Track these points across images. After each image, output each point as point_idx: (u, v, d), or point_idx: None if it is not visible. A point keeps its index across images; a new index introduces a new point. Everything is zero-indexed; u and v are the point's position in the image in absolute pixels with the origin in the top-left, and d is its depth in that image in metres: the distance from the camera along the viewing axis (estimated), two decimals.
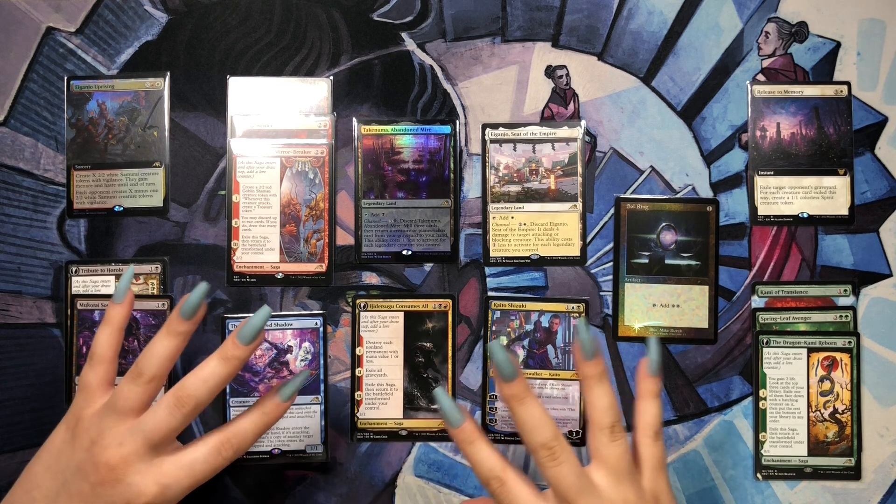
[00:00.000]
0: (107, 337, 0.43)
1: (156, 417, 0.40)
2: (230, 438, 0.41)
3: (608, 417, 0.41)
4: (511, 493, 0.40)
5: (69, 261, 0.54)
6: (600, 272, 0.54)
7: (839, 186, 0.54)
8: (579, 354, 0.41)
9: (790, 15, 0.54)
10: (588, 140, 0.54)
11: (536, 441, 0.40)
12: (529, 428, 0.40)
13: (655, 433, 0.42)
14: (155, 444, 0.40)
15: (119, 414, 0.40)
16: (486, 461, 0.41)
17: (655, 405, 0.42)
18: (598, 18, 0.54)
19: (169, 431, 0.40)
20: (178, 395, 0.40)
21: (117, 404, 0.40)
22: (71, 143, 0.54)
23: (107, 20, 0.54)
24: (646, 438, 0.42)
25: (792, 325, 0.54)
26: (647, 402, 0.42)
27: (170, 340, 0.41)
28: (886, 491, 0.53)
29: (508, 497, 0.40)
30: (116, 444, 0.39)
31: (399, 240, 0.54)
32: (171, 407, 0.40)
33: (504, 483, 0.40)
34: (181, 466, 0.40)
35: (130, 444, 0.39)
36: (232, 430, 0.41)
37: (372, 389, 0.53)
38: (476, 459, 0.41)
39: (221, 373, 0.41)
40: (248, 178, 0.54)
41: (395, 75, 0.54)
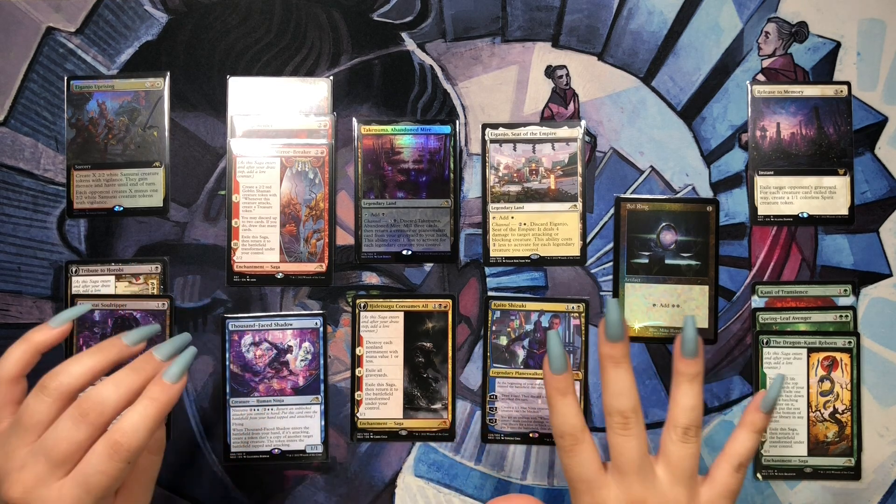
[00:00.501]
0: (19, 356, 0.39)
1: (57, 431, 0.36)
2: (118, 439, 0.36)
3: (685, 418, 0.40)
4: (581, 454, 0.40)
5: (69, 261, 0.54)
6: (600, 272, 0.54)
7: (839, 186, 0.54)
8: (679, 349, 0.41)
9: (790, 15, 0.54)
10: (588, 140, 0.54)
11: (615, 406, 0.40)
12: (614, 391, 0.40)
13: (740, 464, 0.41)
14: (59, 464, 0.36)
15: (24, 431, 0.37)
16: (571, 416, 0.40)
17: (752, 439, 0.42)
18: (598, 18, 0.54)
19: (74, 446, 0.36)
20: (83, 401, 0.37)
21: (22, 420, 0.37)
22: (71, 143, 0.54)
23: (107, 20, 0.54)
24: (727, 465, 0.41)
25: (792, 325, 0.54)
26: (745, 433, 0.42)
27: (98, 359, 0.38)
28: (886, 491, 0.53)
29: (577, 458, 0.40)
30: (18, 468, 0.36)
31: (399, 240, 0.54)
32: (76, 417, 0.36)
33: (579, 443, 0.40)
34: (77, 484, 0.36)
35: (31, 466, 0.36)
36: (118, 428, 0.37)
37: (372, 389, 0.53)
38: (562, 412, 0.41)
39: (132, 380, 0.38)
40: (248, 178, 0.54)
41: (395, 75, 0.54)
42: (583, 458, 0.40)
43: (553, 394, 0.41)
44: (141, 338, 0.40)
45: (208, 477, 0.53)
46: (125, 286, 0.53)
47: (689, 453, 0.40)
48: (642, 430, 0.40)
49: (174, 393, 0.38)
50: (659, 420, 0.53)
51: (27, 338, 0.40)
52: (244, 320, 0.53)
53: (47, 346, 0.40)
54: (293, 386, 0.53)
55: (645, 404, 0.53)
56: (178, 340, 0.40)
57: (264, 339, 0.53)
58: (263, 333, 0.53)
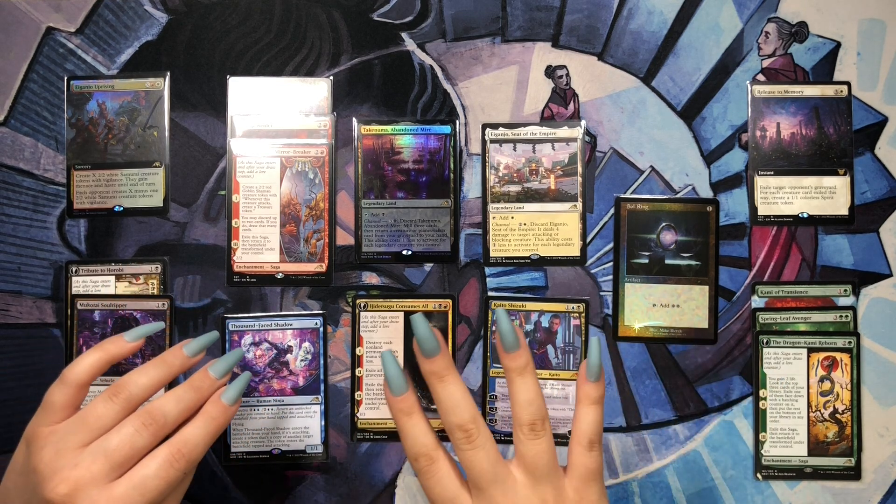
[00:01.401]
0: (92, 363, 0.41)
1: (120, 435, 0.38)
2: (180, 448, 0.39)
3: (527, 413, 0.39)
4: (438, 473, 0.39)
5: (69, 261, 0.54)
6: (600, 272, 0.54)
7: (839, 186, 0.54)
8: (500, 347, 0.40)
9: (790, 15, 0.54)
10: (588, 140, 0.54)
11: (453, 422, 0.39)
12: (447, 407, 0.39)
13: (590, 442, 0.40)
14: (116, 466, 0.37)
15: (85, 432, 0.38)
16: (420, 437, 0.40)
17: (593, 412, 0.41)
18: (598, 18, 0.54)
19: (133, 451, 0.38)
20: (148, 411, 0.39)
21: (87, 420, 0.38)
22: (71, 143, 0.54)
23: (107, 20, 0.54)
24: (578, 447, 0.40)
25: (792, 325, 0.54)
26: (584, 409, 0.41)
27: (163, 371, 0.41)
28: (886, 491, 0.53)
29: (435, 477, 0.39)
30: (70, 466, 0.37)
31: (399, 240, 0.54)
32: (138, 425, 0.38)
33: (434, 462, 0.39)
34: (133, 486, 0.37)
35: (87, 466, 0.37)
36: (181, 439, 0.39)
37: (372, 389, 0.53)
38: (412, 433, 0.40)
39: (191, 398, 0.41)
40: (248, 178, 0.54)
41: (395, 75, 0.54)
42: (441, 477, 0.39)
43: (399, 416, 0.40)
44: (200, 348, 0.43)
45: (208, 477, 0.53)
46: (125, 286, 0.53)
47: (542, 448, 0.39)
48: (488, 439, 0.39)
49: (230, 414, 0.42)
50: (659, 420, 0.53)
51: (102, 346, 0.42)
52: (244, 320, 0.53)
53: (119, 357, 0.42)
54: (293, 386, 0.53)
55: (645, 404, 0.53)
56: (232, 357, 0.43)
57: (264, 339, 0.53)
58: (263, 333, 0.53)
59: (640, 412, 0.53)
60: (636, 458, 0.53)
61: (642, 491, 0.53)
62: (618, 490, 0.53)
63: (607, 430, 0.53)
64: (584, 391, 0.41)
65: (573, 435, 0.41)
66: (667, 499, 0.53)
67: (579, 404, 0.41)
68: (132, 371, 0.41)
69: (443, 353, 0.40)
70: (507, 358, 0.40)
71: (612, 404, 0.54)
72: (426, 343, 0.39)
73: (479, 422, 0.39)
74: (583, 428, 0.41)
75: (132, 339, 0.43)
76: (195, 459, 0.40)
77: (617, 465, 0.53)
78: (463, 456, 0.39)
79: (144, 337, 0.43)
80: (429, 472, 0.39)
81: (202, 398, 0.41)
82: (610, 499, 0.53)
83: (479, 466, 0.38)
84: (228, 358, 0.43)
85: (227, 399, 0.42)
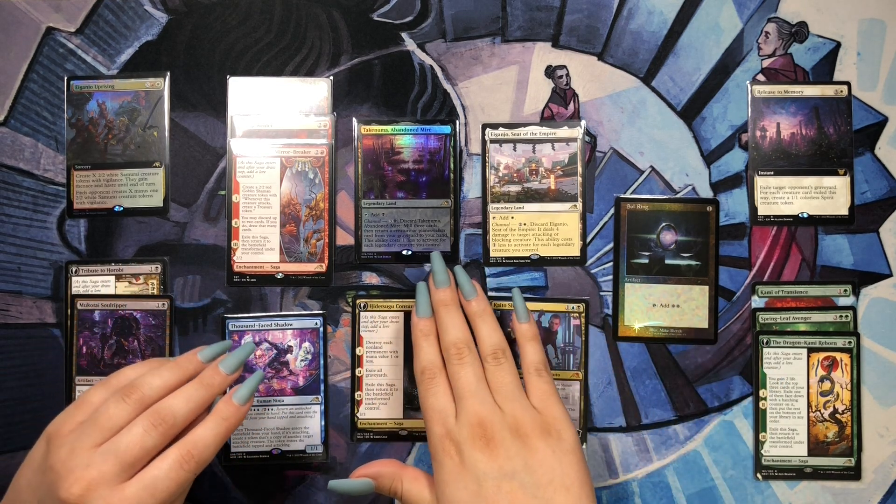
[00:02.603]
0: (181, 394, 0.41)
1: (129, 436, 0.38)
2: (190, 450, 0.39)
3: (488, 346, 0.46)
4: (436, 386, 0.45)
5: (69, 261, 0.54)
6: (600, 272, 0.54)
7: (839, 186, 0.54)
8: (461, 295, 0.48)
9: (790, 15, 0.54)
10: (588, 140, 0.54)
11: (449, 340, 0.46)
12: (446, 328, 0.46)
13: (537, 370, 0.46)
14: (126, 467, 0.38)
15: (98, 432, 0.38)
16: (431, 355, 0.46)
17: (533, 346, 0.47)
18: (598, 18, 0.54)
19: (143, 452, 0.38)
20: (157, 411, 0.39)
21: (99, 421, 0.39)
22: (71, 143, 0.54)
23: (107, 20, 0.54)
24: (530, 376, 0.46)
25: (792, 325, 0.54)
26: (526, 345, 0.47)
27: (177, 374, 0.42)
28: (886, 491, 0.53)
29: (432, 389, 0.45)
30: (83, 466, 0.37)
31: (399, 240, 0.54)
32: (147, 425, 0.39)
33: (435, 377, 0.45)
34: (144, 486, 0.38)
35: (99, 466, 0.37)
36: (191, 440, 0.40)
37: (372, 389, 0.53)
38: (427, 351, 0.46)
39: (201, 395, 0.41)
40: (248, 178, 0.54)
41: (395, 75, 0.54)
42: (437, 390, 0.44)
43: (419, 335, 0.47)
44: (214, 354, 0.44)
45: (208, 477, 0.53)
46: (125, 286, 0.53)
47: (505, 371, 0.45)
48: (476, 361, 0.45)
49: (242, 414, 0.42)
50: (659, 420, 0.53)
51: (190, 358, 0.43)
52: (244, 320, 0.53)
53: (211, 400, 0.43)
54: (293, 386, 0.53)
55: (645, 404, 0.53)
56: (242, 352, 0.44)
57: (264, 339, 0.53)
58: (263, 333, 0.53)
59: (640, 412, 0.53)
60: (636, 458, 0.53)
61: (642, 491, 0.53)
62: (618, 490, 0.53)
63: (608, 430, 0.53)
64: (520, 332, 0.48)
65: (523, 367, 0.47)
66: (667, 499, 0.53)
67: (520, 343, 0.48)
68: (146, 373, 0.41)
69: (451, 287, 0.48)
70: (469, 304, 0.48)
71: (613, 404, 0.54)
72: (441, 275, 0.48)
73: (471, 346, 0.46)
74: (529, 359, 0.47)
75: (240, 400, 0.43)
76: (205, 460, 0.40)
77: (617, 465, 0.53)
78: (452, 370, 0.45)
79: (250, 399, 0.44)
80: (430, 384, 0.45)
81: (212, 395, 0.42)
82: (610, 499, 0.53)
83: (464, 379, 0.44)
84: (239, 353, 0.44)
85: (238, 399, 0.42)
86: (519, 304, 0.48)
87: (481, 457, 0.41)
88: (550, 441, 0.42)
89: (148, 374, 0.41)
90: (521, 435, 0.42)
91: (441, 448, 0.43)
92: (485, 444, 0.42)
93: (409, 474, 0.46)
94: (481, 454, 0.41)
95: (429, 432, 0.44)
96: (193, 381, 0.42)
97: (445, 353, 0.45)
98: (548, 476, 0.41)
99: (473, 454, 0.41)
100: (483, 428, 0.42)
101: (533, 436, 0.42)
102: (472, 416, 0.42)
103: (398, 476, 0.46)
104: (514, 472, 0.41)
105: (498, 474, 0.41)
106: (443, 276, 0.48)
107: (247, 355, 0.44)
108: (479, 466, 0.41)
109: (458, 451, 0.42)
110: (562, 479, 0.41)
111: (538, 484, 0.41)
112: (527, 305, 0.49)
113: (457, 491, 0.41)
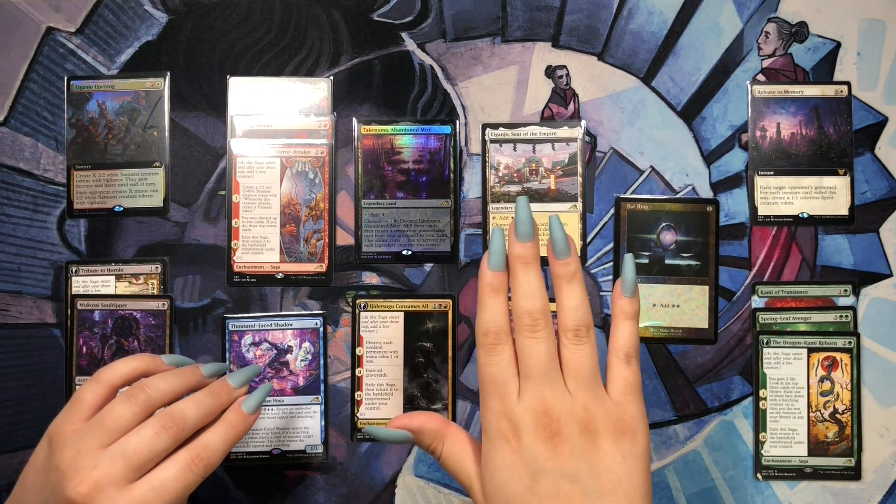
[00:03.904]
0: (130, 370, 0.42)
1: (139, 437, 0.38)
2: (200, 453, 0.40)
3: (572, 319, 0.39)
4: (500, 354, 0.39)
5: (69, 261, 0.54)
6: (600, 272, 0.54)
7: (839, 186, 0.54)
8: (551, 251, 0.40)
9: (790, 15, 0.54)
10: (588, 140, 0.54)
11: (524, 307, 0.39)
12: (524, 292, 0.39)
13: (627, 355, 0.40)
14: (135, 468, 0.38)
15: (104, 433, 0.38)
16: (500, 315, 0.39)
17: (629, 326, 0.40)
18: (598, 18, 0.54)
19: (152, 454, 0.38)
20: (168, 414, 0.39)
21: (105, 422, 0.39)
22: (71, 143, 0.54)
23: (107, 20, 0.54)
24: (616, 360, 0.40)
25: (792, 325, 0.54)
26: (621, 324, 0.40)
27: (182, 380, 0.42)
28: (886, 491, 0.53)
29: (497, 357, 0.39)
30: (90, 466, 0.37)
31: (399, 240, 0.54)
32: (158, 428, 0.39)
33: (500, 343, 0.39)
34: (153, 487, 0.38)
35: (107, 467, 0.37)
36: (201, 444, 0.40)
37: (372, 389, 0.53)
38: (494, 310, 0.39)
39: (211, 402, 0.41)
40: (248, 178, 0.54)
41: (395, 75, 0.54)
42: (502, 359, 0.38)
43: (487, 290, 0.39)
44: (216, 372, 0.44)
45: (208, 477, 0.53)
46: (125, 286, 0.54)
47: (585, 354, 0.39)
48: (552, 336, 0.39)
49: (250, 423, 0.42)
50: (659, 420, 0.53)
51: (141, 356, 0.43)
52: (244, 320, 0.53)
53: (154, 372, 0.43)
54: (293, 386, 0.53)
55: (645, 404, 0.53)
56: (250, 371, 0.45)
57: (264, 339, 0.53)
58: (263, 333, 0.53)
59: None
60: None
61: None
62: None
63: None
64: (619, 306, 0.41)
65: (611, 349, 0.40)
66: (667, 499, 0.53)
67: (615, 320, 0.41)
68: (153, 376, 0.42)
69: (535, 242, 0.39)
70: (557, 264, 0.40)
71: None
72: (525, 225, 0.39)
73: (548, 317, 0.39)
74: (620, 342, 0.40)
75: (169, 363, 0.44)
76: (213, 465, 0.40)
77: None
78: (523, 343, 0.38)
79: (181, 364, 0.44)
80: (493, 350, 0.39)
81: (220, 405, 0.42)
82: None
83: (536, 356, 0.38)
84: (247, 371, 0.44)
85: (247, 408, 0.42)
86: (629, 272, 0.41)
87: (543, 450, 0.37)
88: (623, 444, 0.37)
89: (155, 377, 0.41)
90: (590, 431, 0.37)
91: (496, 427, 0.38)
92: (549, 436, 0.37)
93: (454, 435, 0.42)
94: (543, 447, 0.37)
95: (483, 405, 0.39)
96: (203, 389, 0.42)
97: (517, 320, 0.39)
98: (612, 484, 0.36)
99: (534, 445, 0.37)
100: (549, 417, 0.37)
101: (605, 434, 0.37)
102: (539, 402, 0.37)
103: (441, 435, 0.41)
104: (577, 475, 0.36)
105: (558, 473, 0.36)
106: (527, 226, 0.39)
107: (254, 374, 0.45)
108: (539, 461, 0.37)
109: (517, 435, 0.37)
110: (626, 489, 0.36)
111: (601, 492, 0.36)
112: (634, 273, 0.41)
113: (509, 481, 0.37)
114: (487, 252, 0.40)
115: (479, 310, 0.40)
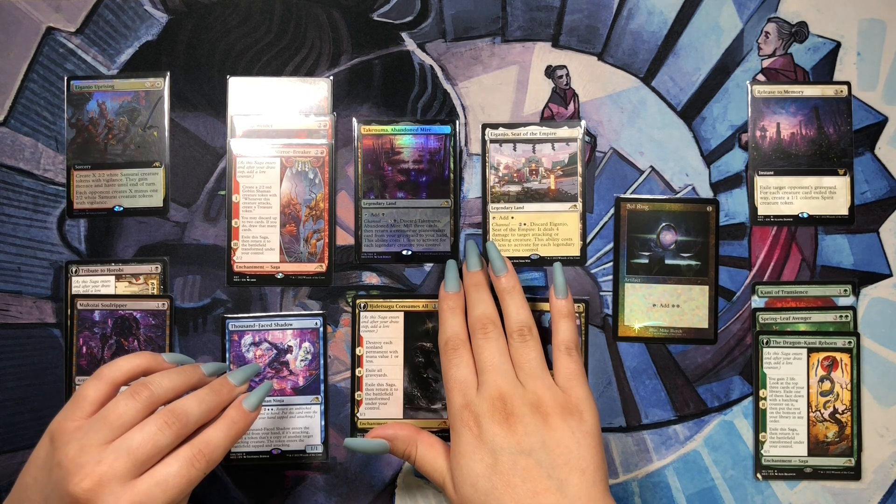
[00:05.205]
0: (132, 367, 0.42)
1: (143, 433, 0.39)
2: (202, 449, 0.40)
3: (515, 322, 0.46)
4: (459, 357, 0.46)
5: (69, 261, 0.54)
6: (600, 272, 0.54)
7: (839, 186, 0.54)
8: (492, 270, 0.48)
9: (790, 15, 0.54)
10: (588, 140, 0.54)
11: (475, 315, 0.46)
12: (474, 303, 0.47)
13: (567, 348, 0.46)
14: (138, 464, 0.38)
15: (108, 429, 0.39)
16: (457, 327, 0.47)
17: (567, 323, 0.47)
18: (598, 18, 0.54)
19: (156, 450, 0.39)
20: (171, 410, 0.40)
21: (109, 418, 0.39)
22: (71, 143, 0.54)
23: (107, 20, 0.54)
24: (558, 353, 0.46)
25: (792, 325, 0.54)
26: (560, 322, 0.47)
27: (183, 378, 0.42)
28: (886, 491, 0.53)
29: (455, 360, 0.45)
30: (94, 462, 0.37)
31: (399, 240, 0.54)
32: (161, 424, 0.39)
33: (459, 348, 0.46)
34: (156, 483, 0.38)
35: (111, 462, 0.38)
36: (203, 440, 0.41)
37: (372, 389, 0.53)
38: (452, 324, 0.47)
39: (213, 400, 0.42)
40: (248, 178, 0.54)
41: (395, 75, 0.54)
42: (461, 361, 0.45)
43: (445, 309, 0.48)
44: (216, 371, 0.45)
45: (208, 477, 0.53)
46: (125, 286, 0.54)
47: (530, 349, 0.45)
48: (501, 337, 0.46)
49: (250, 421, 0.43)
50: (659, 420, 0.53)
51: (143, 354, 0.43)
52: (244, 320, 0.53)
53: (156, 370, 0.43)
54: (293, 386, 0.53)
55: (645, 404, 0.53)
56: (250, 370, 0.45)
57: (264, 339, 0.53)
58: (263, 333, 0.53)
59: (640, 412, 0.53)
60: (636, 458, 0.53)
61: (642, 491, 0.53)
62: (618, 490, 0.53)
63: (607, 430, 0.53)
64: (556, 308, 0.48)
65: (553, 344, 0.47)
66: (667, 499, 0.53)
67: (554, 319, 0.48)
68: (156, 374, 0.42)
69: (482, 270, 0.49)
70: (498, 280, 0.48)
71: (612, 404, 0.54)
72: (473, 259, 0.49)
73: (497, 325, 0.46)
74: (560, 337, 0.47)
75: (170, 361, 0.44)
76: (215, 461, 0.41)
77: (617, 465, 0.53)
78: (476, 344, 0.46)
79: (182, 363, 0.45)
80: (454, 354, 0.46)
81: (222, 403, 0.43)
82: None
83: (488, 353, 0.45)
84: (246, 370, 0.45)
85: (248, 405, 0.43)
86: (559, 278, 0.48)
87: (499, 431, 0.42)
88: (571, 421, 0.42)
89: (158, 374, 0.42)
90: (541, 412, 0.43)
91: (460, 419, 0.43)
92: (504, 418, 0.42)
93: (425, 440, 0.47)
94: (500, 428, 0.42)
95: (449, 403, 0.45)
96: (205, 387, 0.43)
97: (471, 327, 0.46)
98: (564, 456, 0.41)
99: (492, 427, 0.42)
100: (503, 402, 0.43)
101: (553, 414, 0.42)
102: (493, 390, 0.43)
103: (413, 441, 0.47)
104: (532, 449, 0.41)
105: (515, 449, 0.41)
106: (476, 260, 0.49)
107: (254, 373, 0.46)
108: (497, 440, 0.42)
109: (477, 423, 0.43)
110: (578, 460, 0.41)
111: (554, 463, 0.41)
112: (564, 276, 0.49)
113: (472, 462, 0.42)
114: (444, 280, 0.49)
115: (440, 326, 0.48)
